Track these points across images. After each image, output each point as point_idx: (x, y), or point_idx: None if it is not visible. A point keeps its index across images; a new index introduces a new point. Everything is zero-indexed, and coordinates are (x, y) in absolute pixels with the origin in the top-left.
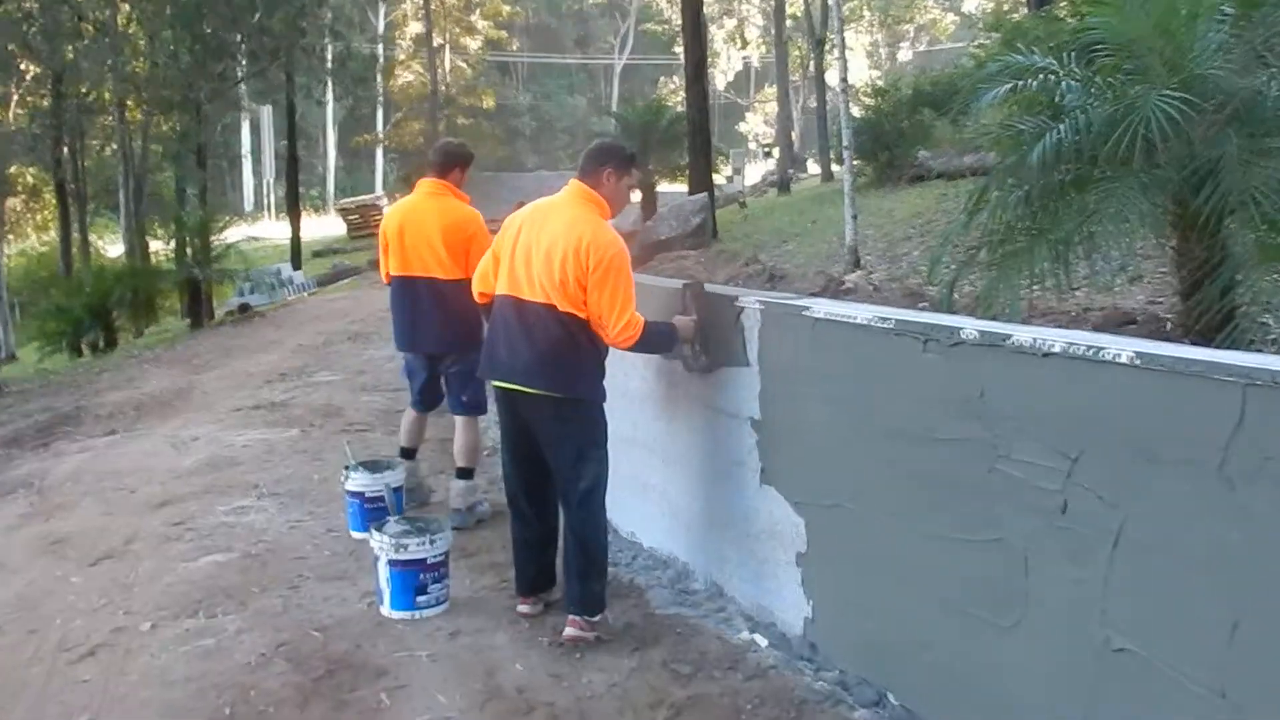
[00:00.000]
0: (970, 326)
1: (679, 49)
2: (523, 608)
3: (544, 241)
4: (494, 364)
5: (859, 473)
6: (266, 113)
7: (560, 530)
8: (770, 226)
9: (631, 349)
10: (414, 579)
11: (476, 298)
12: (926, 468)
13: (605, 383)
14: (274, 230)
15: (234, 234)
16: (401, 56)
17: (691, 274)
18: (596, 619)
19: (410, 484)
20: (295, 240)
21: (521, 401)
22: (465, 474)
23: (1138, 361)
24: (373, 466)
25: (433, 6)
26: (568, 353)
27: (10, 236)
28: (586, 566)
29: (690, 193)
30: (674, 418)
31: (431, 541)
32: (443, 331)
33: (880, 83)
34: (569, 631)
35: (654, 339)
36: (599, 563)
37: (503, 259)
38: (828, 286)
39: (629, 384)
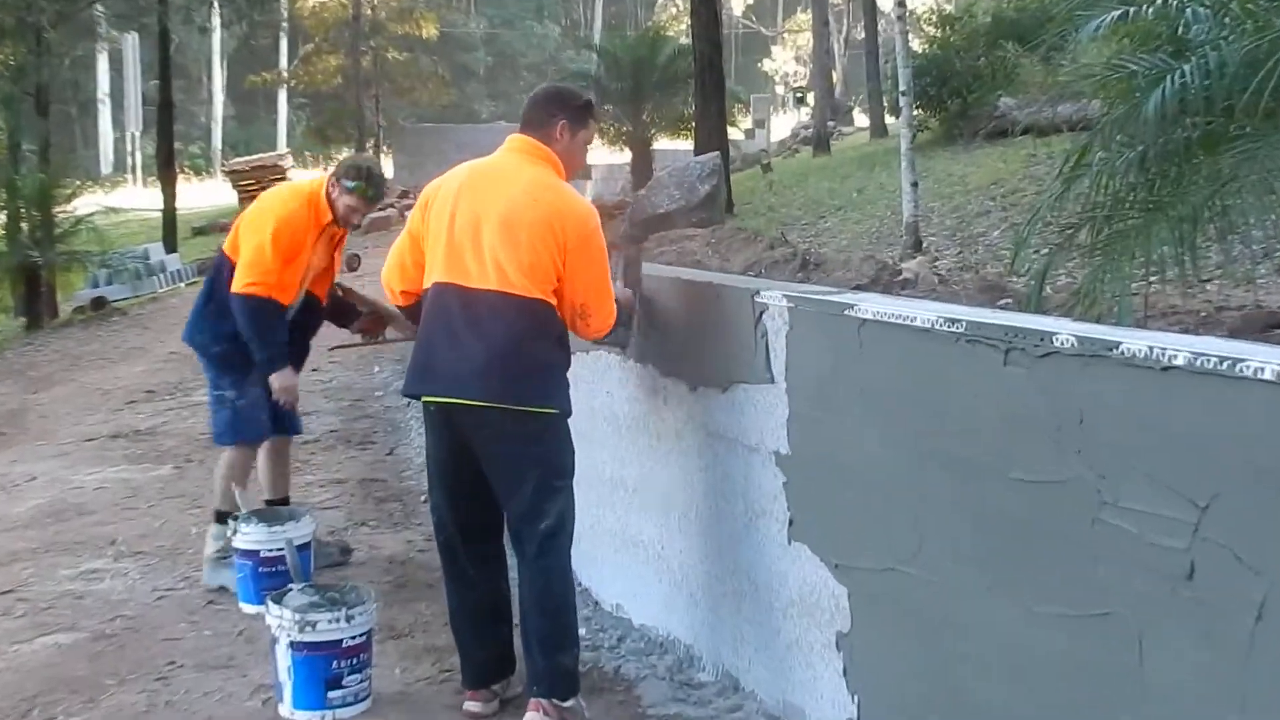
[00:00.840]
0: (1066, 331)
1: None
2: (472, 705)
3: (497, 211)
4: (429, 374)
5: (919, 526)
6: (131, 43)
7: (516, 593)
8: (803, 197)
9: (602, 340)
10: (325, 667)
11: (394, 299)
12: (1008, 519)
13: (577, 404)
14: (141, 199)
15: (86, 204)
16: None
17: (699, 260)
18: (569, 704)
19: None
20: (169, 213)
21: (466, 420)
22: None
23: None
24: (271, 517)
25: None
26: (533, 352)
27: None
28: (553, 634)
29: (697, 152)
30: (673, 452)
31: (349, 618)
32: None
33: (949, 9)
34: (530, 718)
35: (616, 328)
36: (569, 628)
37: (435, 239)
38: (879, 277)
39: (613, 406)
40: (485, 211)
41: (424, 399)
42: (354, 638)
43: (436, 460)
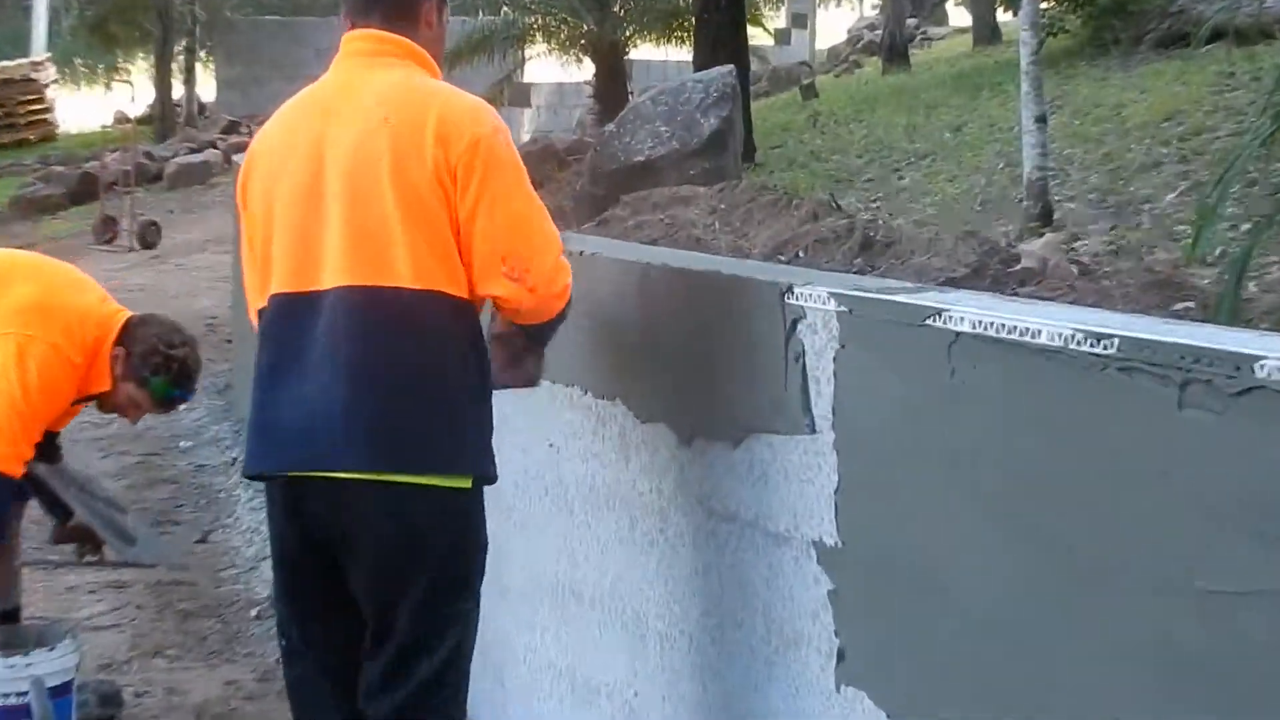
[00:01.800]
0: (1278, 355)
1: None
2: None
3: (341, 157)
4: (269, 437)
5: (1057, 664)
6: None
7: None
8: (866, 138)
9: (555, 322)
10: None
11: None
12: (1199, 654)
13: (502, 462)
14: None
15: None
16: None
17: (699, 238)
18: None
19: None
20: None
21: (324, 501)
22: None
23: None
24: (9, 639)
25: None
26: (428, 382)
27: None
28: None
29: (699, 65)
30: (655, 543)
31: None
32: None
33: None
34: None
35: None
36: None
37: (263, 228)
38: (984, 266)
39: (560, 468)
40: (324, 165)
41: (264, 472)
42: None
43: (284, 558)
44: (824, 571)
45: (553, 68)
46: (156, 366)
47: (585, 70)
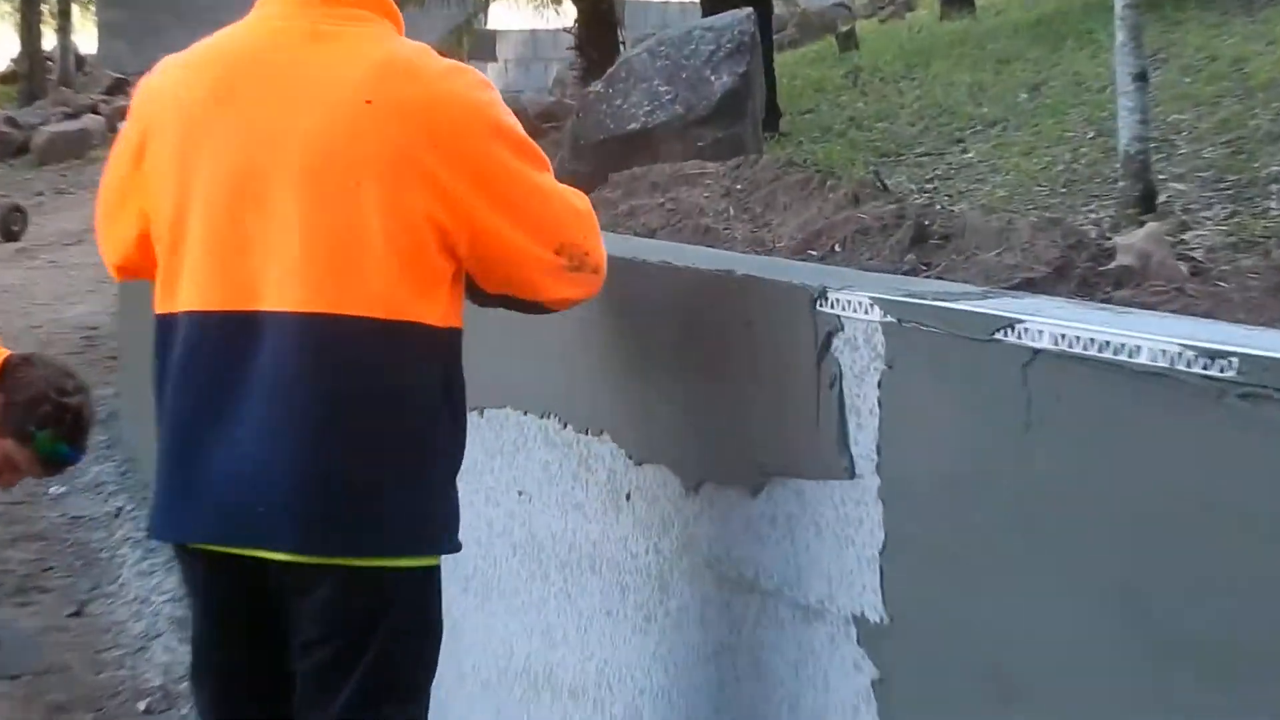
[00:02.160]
0: None
1: None
2: None
3: (297, 148)
4: (187, 495)
5: None
6: None
7: None
8: (920, 101)
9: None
10: None
11: (115, 276)
12: None
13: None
14: None
15: None
16: None
17: (708, 227)
18: None
19: None
20: None
21: (256, 580)
22: None
23: None
24: None
25: None
26: (396, 437)
27: None
28: None
29: (709, 10)
30: (653, 617)
31: None
32: None
33: None
34: None
35: None
36: None
37: (172, 219)
38: (1069, 264)
39: (532, 522)
40: (273, 152)
41: (176, 545)
42: None
43: (206, 638)
44: (866, 655)
45: (524, 11)
46: (45, 418)
47: (565, 14)
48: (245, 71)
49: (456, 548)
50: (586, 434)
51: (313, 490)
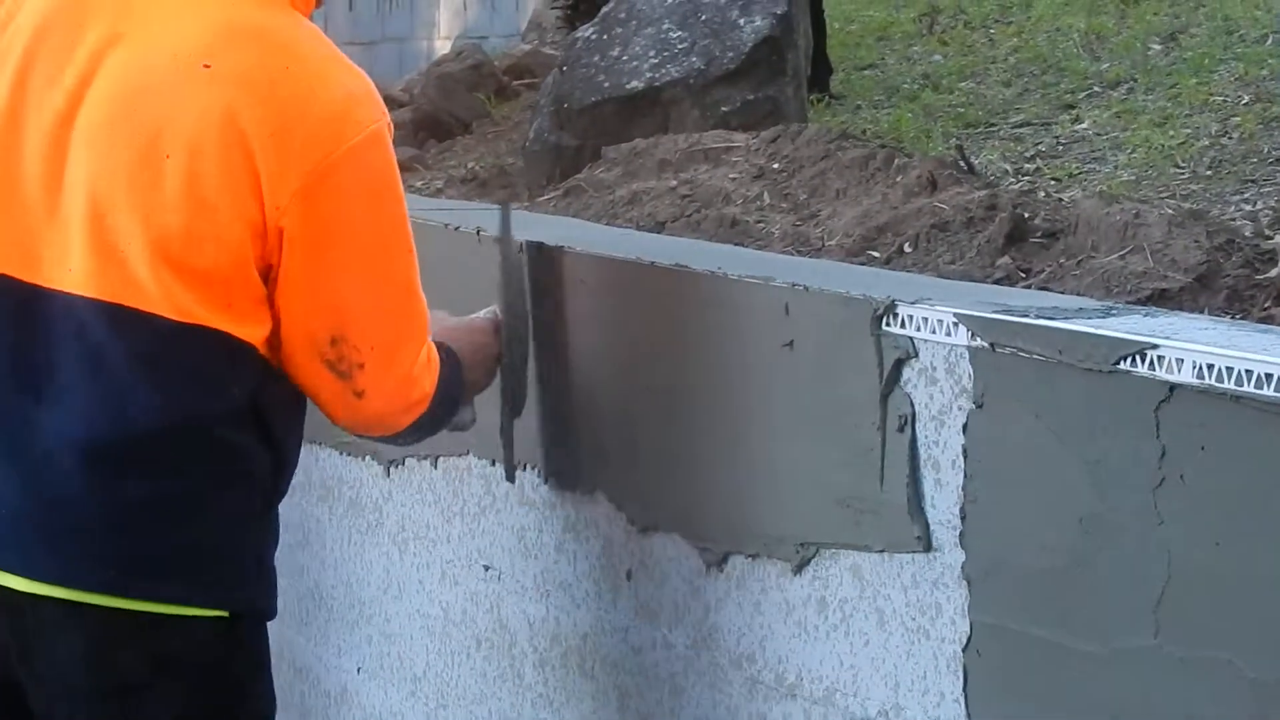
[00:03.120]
0: None
1: None
2: None
3: (105, 93)
4: None
5: None
6: None
7: None
8: (1014, 53)
9: (401, 436)
10: None
11: None
12: None
13: (406, 597)
14: None
15: None
16: None
17: (735, 217)
18: None
19: None
20: None
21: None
22: None
23: None
24: None
25: None
26: (185, 456)
27: None
28: None
29: None
30: None
31: None
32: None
33: None
34: None
35: (446, 404)
36: None
37: None
38: (1217, 269)
39: (506, 604)
40: (85, 96)
41: None
42: None
43: None
44: None
45: None
46: None
47: None
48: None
49: (259, 609)
50: (575, 491)
51: (69, 510)
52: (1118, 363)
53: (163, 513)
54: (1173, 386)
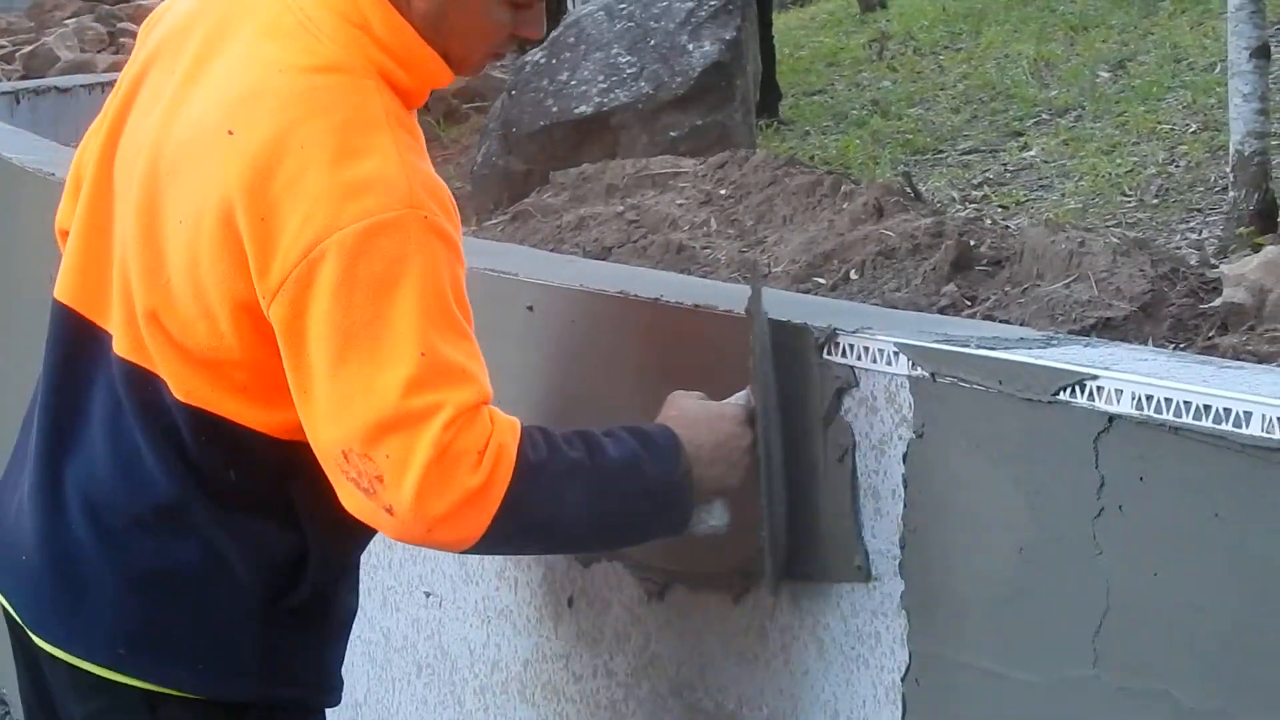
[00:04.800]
0: None
1: None
2: None
3: (148, 146)
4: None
5: None
6: None
7: None
8: (963, 79)
9: (492, 547)
10: None
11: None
12: None
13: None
14: None
15: None
16: None
17: (681, 244)
18: None
19: None
20: None
21: (31, 662)
22: None
23: None
24: None
25: None
26: (178, 537)
27: None
28: None
29: None
30: None
31: None
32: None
33: None
34: None
35: (604, 514)
36: None
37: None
38: (1161, 298)
39: (447, 630)
40: (140, 139)
41: None
42: None
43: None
44: None
45: None
46: None
47: None
48: (197, 21)
49: (267, 702)
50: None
51: (66, 562)
52: (1057, 393)
53: (162, 588)
54: (1112, 417)
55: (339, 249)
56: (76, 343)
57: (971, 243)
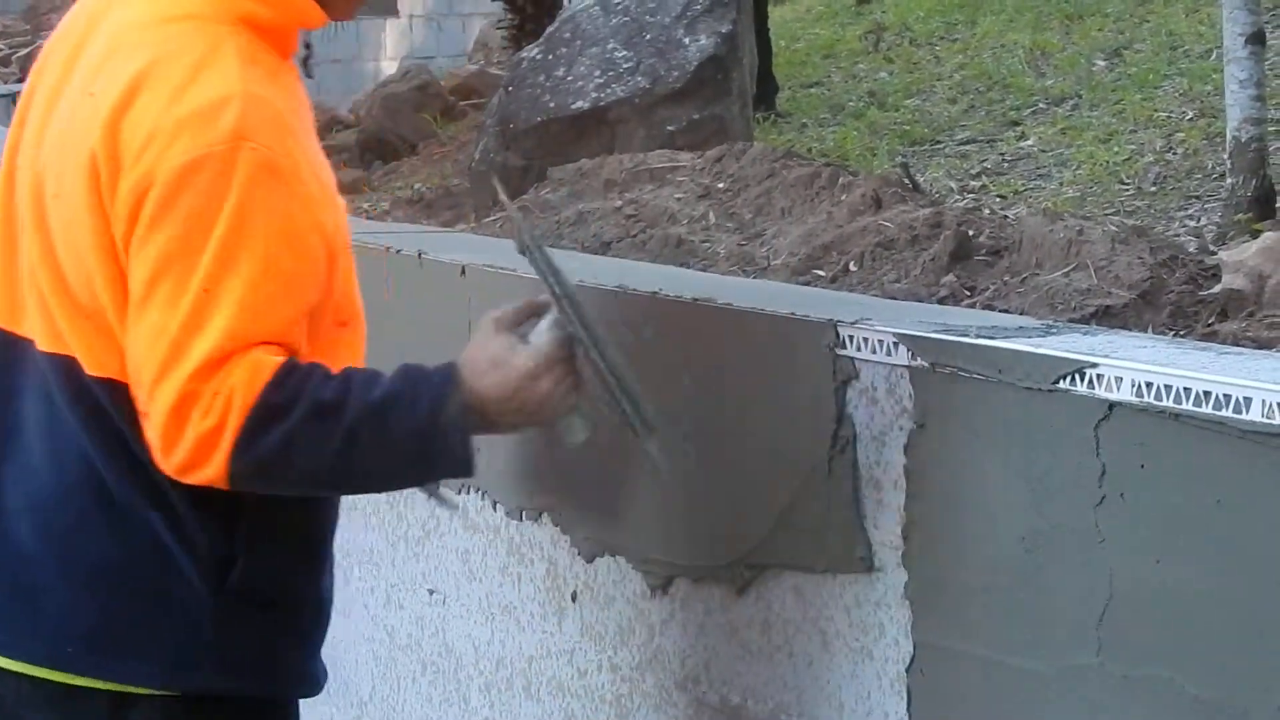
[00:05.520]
0: None
1: None
2: None
3: (43, 142)
4: None
5: None
6: None
7: None
8: (959, 70)
9: (255, 482)
10: None
11: None
12: None
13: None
14: None
15: None
16: None
17: (681, 238)
18: None
19: None
20: None
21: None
22: None
23: None
24: None
25: None
26: (118, 529)
27: None
28: None
29: None
30: None
31: None
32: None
33: None
34: None
35: (339, 454)
36: None
37: None
38: (1160, 286)
39: (451, 628)
40: (29, 150)
41: None
42: None
43: None
44: None
45: None
46: None
47: None
48: (73, 26)
49: (284, 692)
50: (519, 516)
51: (23, 567)
52: (1057, 381)
53: (110, 584)
54: (1112, 405)
55: (163, 183)
56: (2, 356)
57: (970, 233)
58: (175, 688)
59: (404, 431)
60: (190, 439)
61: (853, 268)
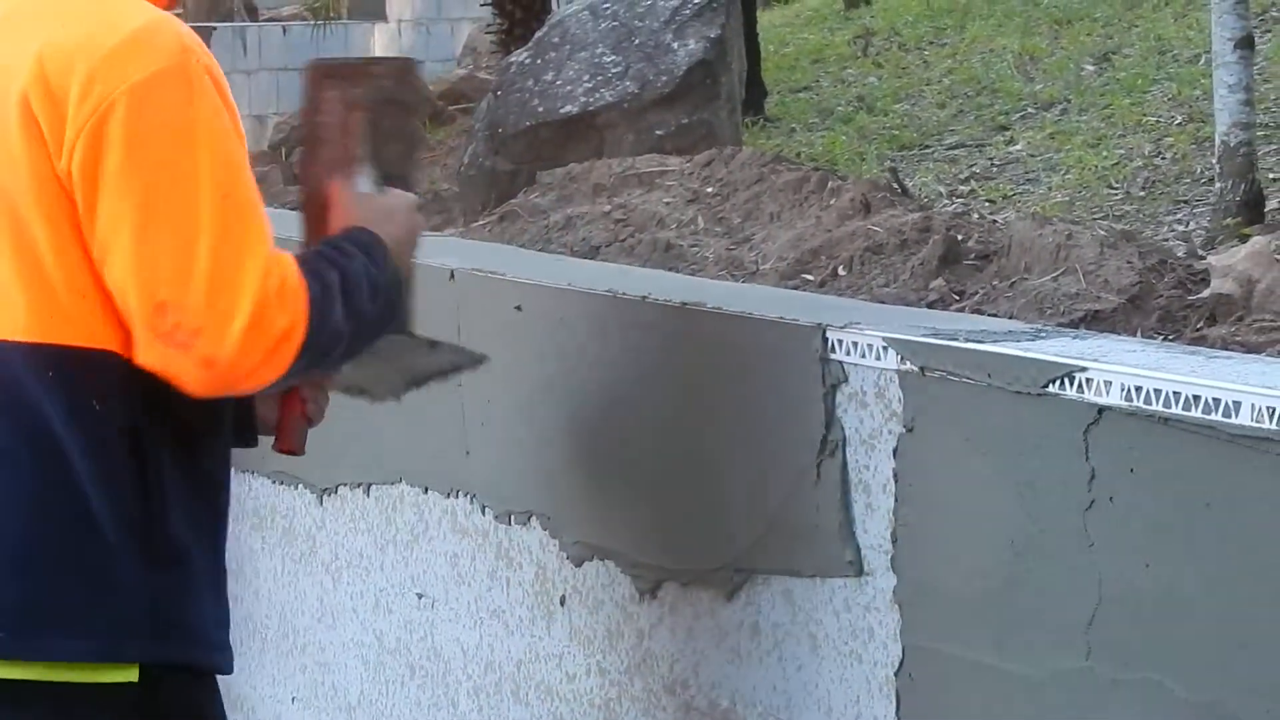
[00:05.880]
0: None
1: None
2: None
3: None
4: None
5: None
6: None
7: None
8: (948, 74)
9: (308, 368)
10: None
11: None
12: None
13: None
14: None
15: None
16: None
17: (670, 242)
18: None
19: None
20: None
21: None
22: None
23: None
24: None
25: None
26: (64, 491)
27: None
28: None
29: None
30: None
31: None
32: None
33: None
34: None
35: (355, 313)
36: None
37: None
38: (1149, 290)
39: (439, 632)
40: None
41: None
42: None
43: None
44: None
45: None
46: None
47: None
48: None
49: (195, 662)
50: (508, 519)
51: None
52: (1046, 385)
53: (39, 563)
54: (1101, 409)
55: (128, 98)
56: None
57: (959, 237)
58: (114, 659)
59: (384, 284)
60: (271, 339)
61: (841, 272)
